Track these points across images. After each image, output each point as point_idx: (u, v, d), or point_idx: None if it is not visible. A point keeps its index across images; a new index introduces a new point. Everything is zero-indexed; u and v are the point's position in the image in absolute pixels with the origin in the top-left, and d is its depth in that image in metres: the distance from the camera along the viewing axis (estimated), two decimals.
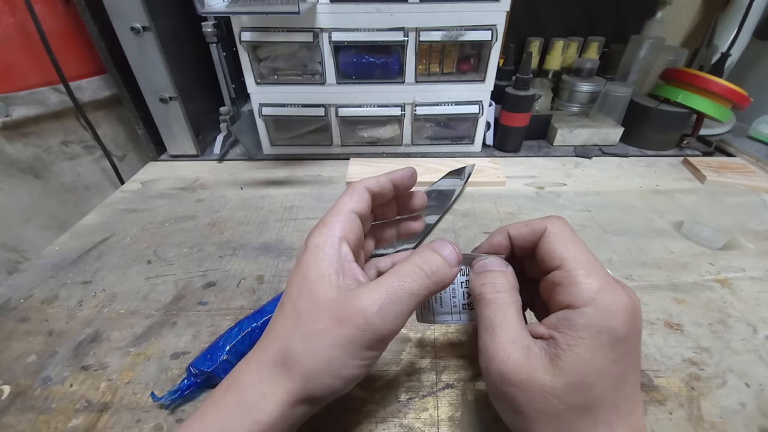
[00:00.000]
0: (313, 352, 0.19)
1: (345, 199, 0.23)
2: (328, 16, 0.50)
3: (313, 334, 0.20)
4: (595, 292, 0.19)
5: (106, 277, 0.39)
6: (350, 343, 0.19)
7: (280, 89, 0.56)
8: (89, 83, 0.57)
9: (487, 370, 0.21)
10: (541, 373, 0.19)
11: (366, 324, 0.19)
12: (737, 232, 0.44)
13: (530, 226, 0.23)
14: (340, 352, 0.19)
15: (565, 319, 0.19)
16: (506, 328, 0.20)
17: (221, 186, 0.55)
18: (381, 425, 0.27)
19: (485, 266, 0.23)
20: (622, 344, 0.18)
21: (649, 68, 0.67)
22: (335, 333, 0.19)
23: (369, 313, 0.19)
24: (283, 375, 0.20)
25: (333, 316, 0.19)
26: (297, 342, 0.20)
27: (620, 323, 0.18)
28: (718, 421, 0.27)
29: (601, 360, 0.18)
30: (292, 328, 0.20)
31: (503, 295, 0.22)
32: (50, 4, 0.51)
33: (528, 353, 0.19)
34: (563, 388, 0.18)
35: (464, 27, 0.51)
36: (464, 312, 0.26)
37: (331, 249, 0.21)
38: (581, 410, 0.18)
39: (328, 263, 0.21)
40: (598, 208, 0.49)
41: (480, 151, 0.63)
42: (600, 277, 0.19)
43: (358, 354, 0.19)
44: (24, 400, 0.28)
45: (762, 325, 0.34)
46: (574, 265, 0.20)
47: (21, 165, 0.55)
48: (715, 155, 0.63)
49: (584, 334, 0.18)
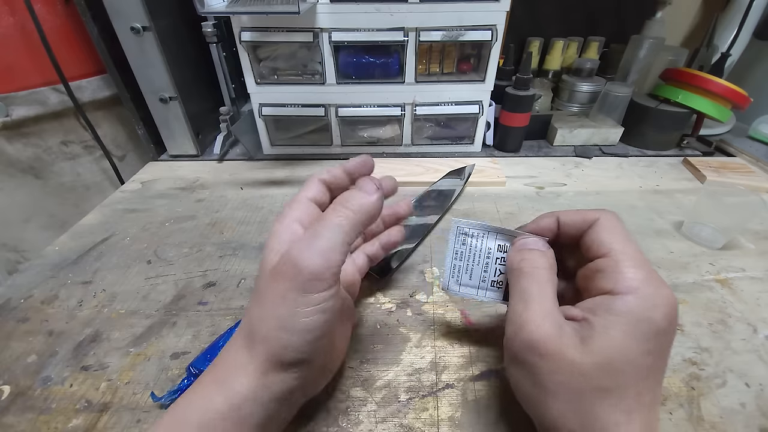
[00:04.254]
0: (263, 314, 0.20)
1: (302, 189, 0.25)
2: (328, 16, 0.50)
3: (260, 300, 0.21)
4: (639, 282, 0.19)
5: (106, 277, 0.39)
6: (288, 291, 0.20)
7: (280, 89, 0.56)
8: (89, 83, 0.57)
9: (513, 339, 0.21)
10: (571, 349, 0.19)
11: (294, 268, 0.19)
12: (737, 232, 0.44)
13: (582, 214, 0.23)
14: (284, 305, 0.20)
15: (603, 304, 0.19)
16: (541, 300, 0.21)
17: (221, 186, 0.55)
18: (381, 425, 0.27)
19: (526, 244, 0.24)
20: (660, 337, 0.18)
21: (649, 68, 0.67)
22: (273, 289, 0.20)
23: (292, 256, 0.20)
24: (250, 346, 0.20)
25: (271, 276, 0.21)
26: (254, 312, 0.21)
27: (661, 316, 0.18)
28: (718, 421, 0.27)
29: (635, 348, 0.18)
30: (252, 304, 0.22)
31: (542, 271, 0.22)
32: (50, 4, 0.51)
33: (560, 328, 0.19)
34: (591, 367, 0.18)
35: (464, 27, 0.51)
36: (491, 289, 0.26)
37: (284, 229, 0.23)
38: (604, 392, 0.18)
39: (278, 240, 0.22)
40: (598, 208, 0.49)
41: (480, 151, 0.63)
42: (645, 270, 0.19)
43: (300, 300, 0.19)
44: (24, 400, 0.28)
45: (762, 325, 0.34)
46: (621, 256, 0.20)
47: (21, 165, 0.55)
48: (715, 155, 0.63)
49: (622, 320, 0.18)
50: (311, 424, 0.26)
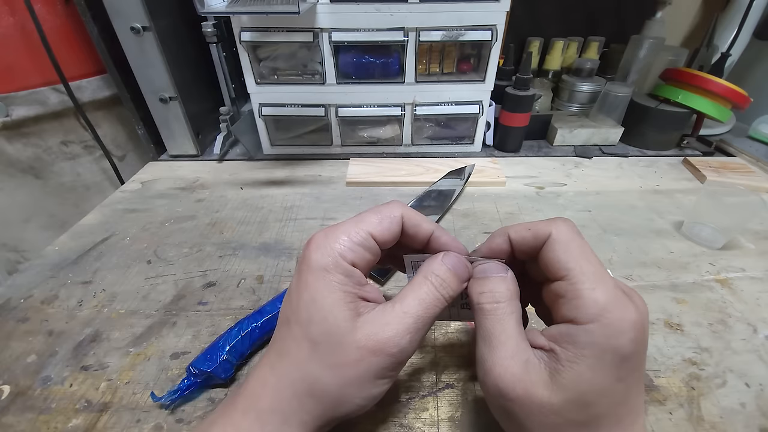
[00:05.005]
0: (344, 382, 0.20)
1: (371, 217, 0.22)
2: (328, 16, 0.50)
3: (341, 366, 0.20)
4: (600, 308, 0.18)
5: (106, 277, 0.39)
6: (382, 368, 0.20)
7: (280, 89, 0.56)
8: (89, 83, 0.57)
9: (484, 383, 0.20)
10: (540, 388, 0.18)
11: (399, 352, 0.20)
12: (737, 232, 0.44)
13: (533, 230, 0.21)
14: (371, 377, 0.20)
15: (567, 334, 0.18)
16: (504, 340, 0.20)
17: (221, 186, 0.55)
18: (381, 425, 0.27)
19: (484, 272, 0.22)
20: (629, 362, 0.18)
21: (649, 68, 0.67)
22: (368, 362, 0.20)
23: (402, 344, 0.20)
24: (309, 404, 0.20)
25: (363, 347, 0.19)
26: (324, 374, 0.20)
27: (627, 341, 0.17)
28: (718, 421, 0.27)
29: (604, 379, 0.18)
30: (311, 358, 0.20)
31: (502, 306, 0.21)
32: (50, 4, 0.51)
33: (526, 367, 0.19)
34: (562, 404, 0.18)
35: (464, 27, 0.51)
36: (463, 311, 0.26)
37: (341, 275, 0.20)
38: (581, 425, 0.18)
39: (341, 292, 0.20)
40: (598, 208, 0.49)
41: (480, 151, 0.63)
42: (607, 291, 0.18)
43: (387, 374, 0.20)
44: (24, 400, 0.28)
45: (762, 325, 0.34)
46: (579, 276, 0.19)
47: (21, 165, 0.55)
48: (715, 155, 0.63)
49: (587, 352, 0.18)
50: None
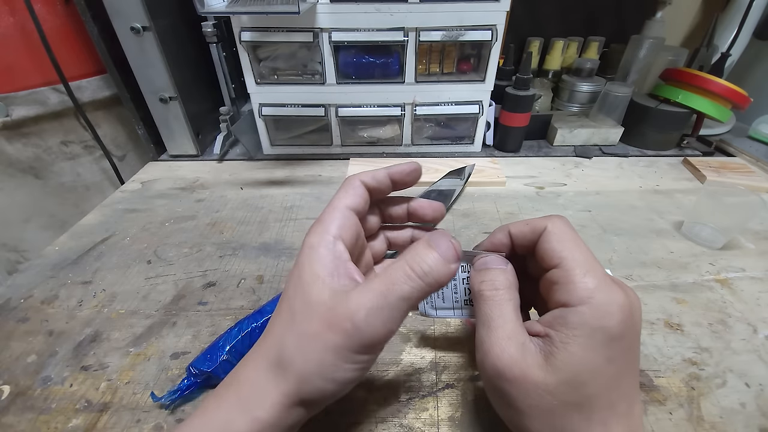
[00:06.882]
0: (305, 355, 0.19)
1: (341, 194, 0.23)
2: (328, 16, 0.50)
3: (305, 337, 0.19)
4: (590, 291, 0.19)
5: (106, 277, 0.39)
6: (340, 347, 0.19)
7: (280, 89, 0.56)
8: (89, 83, 0.57)
9: (482, 365, 0.21)
10: (535, 369, 0.19)
11: (354, 329, 0.19)
12: (737, 232, 0.44)
13: (531, 225, 0.23)
14: (331, 356, 0.19)
15: (560, 317, 0.19)
16: (502, 324, 0.21)
17: (221, 186, 0.55)
18: (381, 425, 0.27)
19: (485, 264, 0.24)
20: (617, 343, 0.18)
21: (649, 68, 0.67)
22: (325, 337, 0.19)
23: (356, 319, 0.19)
24: (279, 376, 0.20)
25: (324, 319, 0.19)
26: (290, 343, 0.20)
27: (615, 322, 0.18)
28: (718, 421, 0.27)
29: (595, 358, 0.18)
30: (287, 328, 0.20)
31: (501, 292, 0.22)
32: (50, 4, 0.51)
33: (523, 349, 0.20)
34: (556, 385, 0.18)
35: (464, 27, 0.51)
36: (466, 307, 0.26)
37: (325, 249, 0.21)
38: (575, 407, 0.19)
39: (322, 264, 0.20)
40: (598, 208, 0.49)
41: (480, 151, 0.63)
42: (597, 276, 0.19)
43: (350, 358, 0.19)
44: (24, 400, 0.28)
45: (762, 325, 0.34)
46: (571, 264, 0.20)
47: (21, 165, 0.55)
48: (715, 155, 0.63)
49: (578, 332, 0.19)
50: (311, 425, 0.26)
